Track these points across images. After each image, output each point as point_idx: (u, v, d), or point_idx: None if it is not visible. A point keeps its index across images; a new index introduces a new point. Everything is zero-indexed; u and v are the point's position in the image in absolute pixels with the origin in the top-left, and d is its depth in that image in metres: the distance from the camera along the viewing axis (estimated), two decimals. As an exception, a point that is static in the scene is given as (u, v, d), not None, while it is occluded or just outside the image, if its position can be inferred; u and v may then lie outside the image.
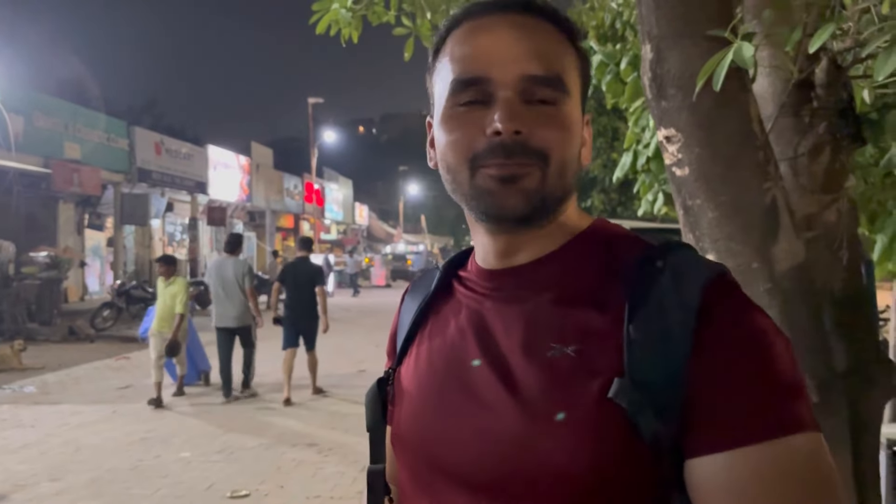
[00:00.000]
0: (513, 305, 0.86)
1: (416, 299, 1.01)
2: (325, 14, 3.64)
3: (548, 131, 0.80)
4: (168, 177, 21.22)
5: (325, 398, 8.44)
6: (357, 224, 45.06)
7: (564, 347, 0.78)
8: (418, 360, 0.93)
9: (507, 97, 0.80)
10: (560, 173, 0.82)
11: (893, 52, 1.53)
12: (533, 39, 0.82)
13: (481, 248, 0.91)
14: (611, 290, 0.80)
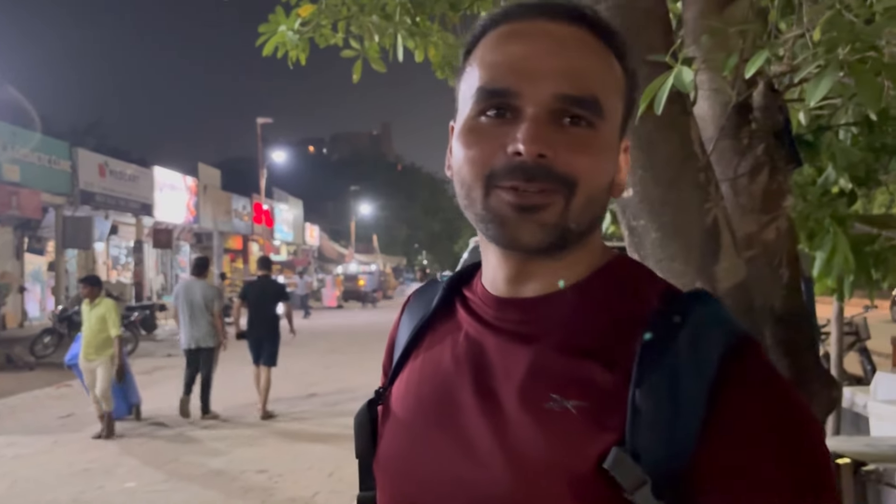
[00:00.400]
0: (516, 344, 0.78)
1: (415, 315, 0.94)
2: (271, 36, 3.63)
3: (577, 157, 0.72)
4: (112, 199, 20.77)
5: (276, 422, 8.30)
6: (308, 245, 44.67)
7: (565, 401, 0.71)
8: (409, 383, 0.87)
9: (535, 115, 0.72)
10: (587, 204, 0.73)
11: (824, 77, 1.58)
12: (572, 54, 0.74)
13: (490, 269, 0.83)
14: (622, 343, 0.72)
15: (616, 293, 0.78)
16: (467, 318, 0.85)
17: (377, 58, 3.83)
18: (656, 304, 0.74)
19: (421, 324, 0.91)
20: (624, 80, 0.78)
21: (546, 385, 0.73)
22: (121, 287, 20.31)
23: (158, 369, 12.89)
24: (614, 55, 0.78)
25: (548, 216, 0.72)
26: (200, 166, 28.47)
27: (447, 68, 3.84)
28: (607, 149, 0.75)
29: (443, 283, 0.94)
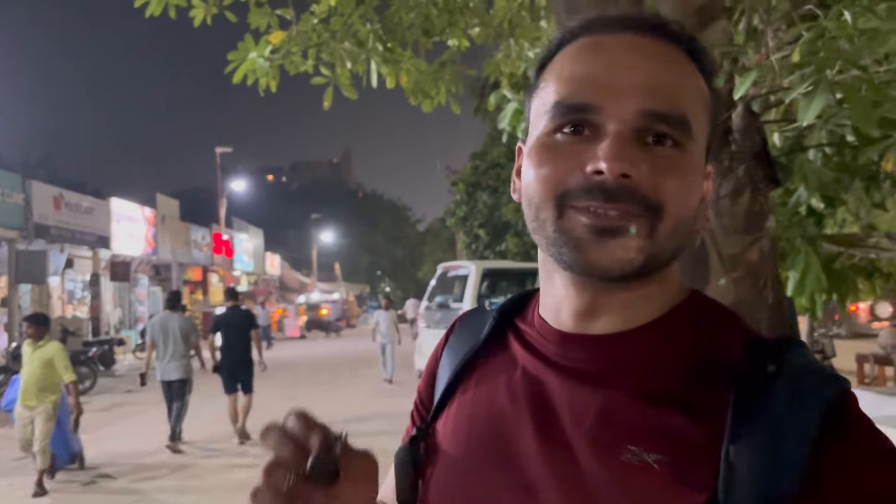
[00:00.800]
0: (584, 386, 0.71)
1: (461, 345, 0.86)
2: (241, 63, 3.58)
3: (663, 178, 0.65)
4: (68, 232, 20.30)
5: (246, 457, 8.08)
6: (269, 274, 44.17)
7: (645, 454, 0.64)
8: (458, 420, 0.79)
9: (618, 132, 0.65)
10: (674, 231, 0.66)
11: (816, 97, 1.59)
12: (659, 68, 0.68)
13: (553, 300, 0.75)
14: (706, 391, 0.66)
15: (695, 334, 0.71)
16: (524, 352, 0.78)
17: (348, 84, 3.80)
18: (742, 350, 0.68)
19: (469, 355, 0.83)
20: (710, 101, 0.72)
21: (622, 434, 0.66)
22: (77, 322, 19.78)
23: (118, 406, 12.54)
24: (701, 74, 0.72)
25: (632, 239, 0.65)
26: (159, 197, 28.04)
27: (420, 94, 3.83)
28: (695, 172, 0.69)
29: (492, 312, 0.86)
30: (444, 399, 0.84)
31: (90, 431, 10.02)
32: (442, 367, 0.88)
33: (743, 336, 0.70)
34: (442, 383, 0.85)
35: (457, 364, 0.84)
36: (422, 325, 11.96)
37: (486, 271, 11.05)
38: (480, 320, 0.87)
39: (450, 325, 0.94)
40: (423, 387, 0.92)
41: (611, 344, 0.72)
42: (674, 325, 0.72)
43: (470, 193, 22.81)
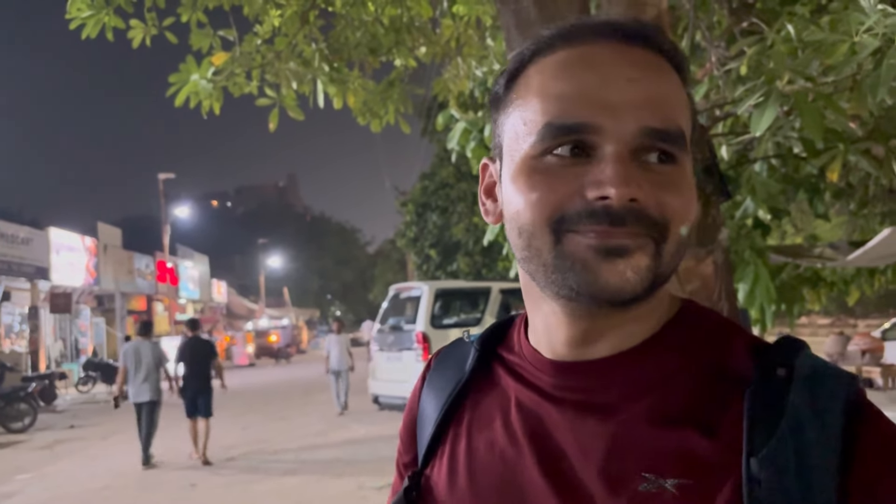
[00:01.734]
0: (587, 416, 0.66)
1: (443, 381, 0.80)
2: (183, 85, 3.48)
3: (667, 198, 0.62)
4: (3, 263, 19.59)
5: (195, 490, 7.83)
6: (215, 301, 43.31)
7: (661, 480, 0.61)
8: (454, 466, 0.73)
9: (619, 154, 0.61)
10: (677, 248, 0.64)
11: (768, 107, 1.59)
12: (654, 80, 0.64)
13: (545, 329, 0.70)
14: (720, 404, 0.63)
15: (696, 347, 0.67)
16: (516, 385, 0.73)
17: (294, 105, 3.74)
18: (748, 358, 0.64)
19: (455, 393, 0.78)
20: (693, 111, 0.68)
21: (635, 463, 0.62)
22: (15, 356, 19.06)
23: (60, 443, 12.06)
24: (681, 79, 0.68)
25: (641, 259, 0.61)
26: (100, 226, 27.33)
27: (368, 114, 3.78)
28: (692, 185, 0.65)
29: (472, 344, 0.81)
30: (433, 443, 0.78)
31: (32, 470, 9.61)
32: (424, 408, 0.82)
33: (746, 343, 0.67)
34: (428, 425, 0.79)
35: (442, 403, 0.78)
36: (374, 349, 11.81)
37: (439, 292, 11.00)
38: (460, 353, 0.82)
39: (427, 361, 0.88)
40: (405, 431, 0.85)
41: (609, 368, 0.67)
42: (672, 339, 0.68)
43: (420, 214, 22.80)
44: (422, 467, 0.78)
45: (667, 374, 0.66)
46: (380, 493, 7.12)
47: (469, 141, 3.79)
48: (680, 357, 0.67)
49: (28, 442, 12.40)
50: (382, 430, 11.23)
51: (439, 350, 0.88)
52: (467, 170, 20.30)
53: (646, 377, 0.66)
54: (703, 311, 0.72)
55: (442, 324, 10.85)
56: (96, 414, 16.32)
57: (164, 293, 32.08)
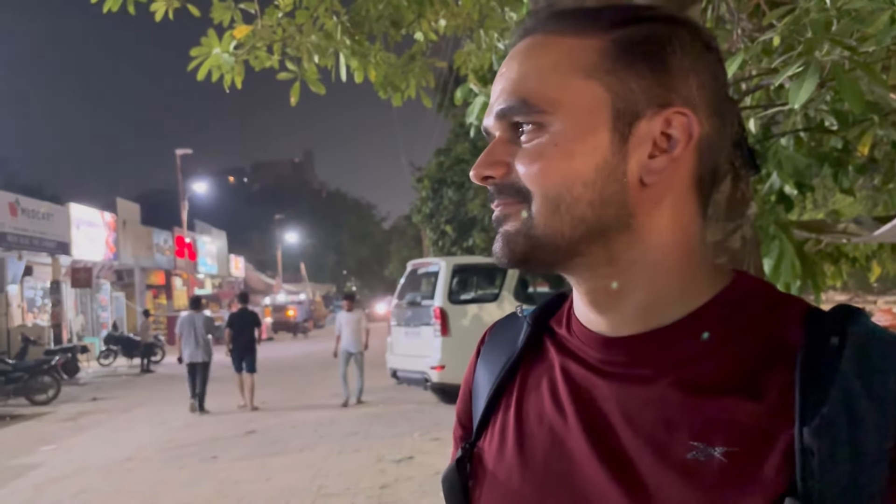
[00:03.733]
0: (634, 388, 0.67)
1: (496, 356, 0.82)
2: (204, 59, 3.46)
3: (525, 166, 0.67)
4: (25, 238, 19.81)
5: (216, 463, 7.93)
6: (233, 277, 43.62)
7: (710, 448, 0.60)
8: (504, 438, 0.75)
9: (493, 139, 0.71)
10: (552, 208, 0.65)
11: (806, 78, 1.56)
12: (514, 67, 0.69)
13: (577, 298, 0.74)
14: (771, 374, 0.61)
15: (748, 318, 0.66)
16: (565, 359, 0.74)
17: (315, 79, 3.71)
18: (801, 327, 0.63)
19: (507, 367, 0.79)
20: (604, 52, 0.66)
21: (683, 432, 0.62)
22: (38, 330, 19.31)
23: (83, 415, 12.26)
24: (577, 35, 0.67)
25: (510, 226, 0.69)
26: (119, 201, 27.53)
27: (389, 88, 3.75)
28: (565, 142, 0.65)
29: (525, 319, 0.82)
30: (486, 416, 0.79)
31: (57, 442, 9.78)
32: (478, 382, 0.84)
33: (799, 311, 0.65)
34: (481, 399, 0.81)
35: (495, 377, 0.80)
36: (392, 324, 11.86)
37: (457, 267, 10.99)
38: (514, 328, 0.83)
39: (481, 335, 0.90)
40: (461, 404, 0.87)
41: (654, 342, 0.68)
42: (720, 310, 0.67)
43: (435, 190, 22.76)
44: (474, 439, 0.79)
45: (715, 345, 0.65)
46: (398, 467, 7.19)
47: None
48: (729, 328, 0.66)
49: (52, 414, 12.61)
50: (400, 404, 11.31)
51: (493, 324, 0.89)
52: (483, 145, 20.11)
53: (691, 349, 0.65)
54: (757, 282, 0.71)
55: (459, 299, 10.86)
56: (118, 387, 16.55)
57: (182, 268, 32.33)
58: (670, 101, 0.65)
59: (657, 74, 0.65)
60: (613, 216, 0.66)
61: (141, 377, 18.84)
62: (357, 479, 6.84)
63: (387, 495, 6.21)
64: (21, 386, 13.58)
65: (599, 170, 0.65)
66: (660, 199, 0.67)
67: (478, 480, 0.76)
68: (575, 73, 0.66)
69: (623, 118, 0.65)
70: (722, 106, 0.69)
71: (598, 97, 0.65)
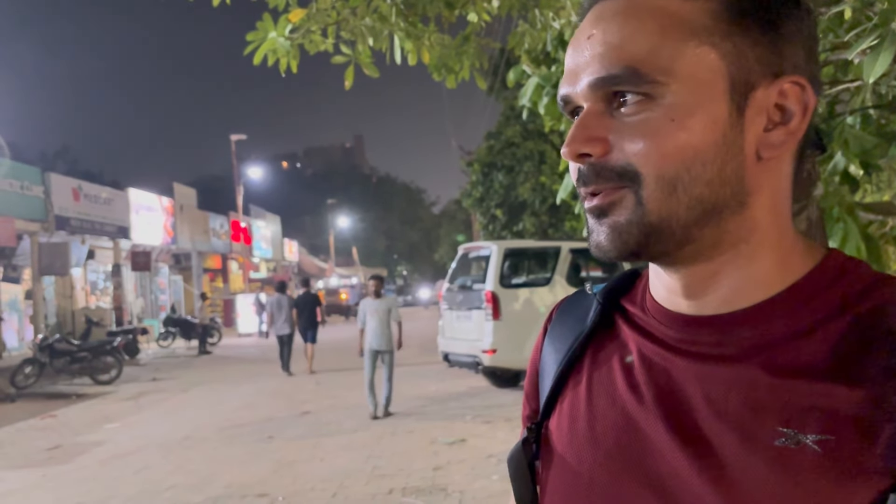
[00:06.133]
0: (718, 370, 0.62)
1: (564, 334, 0.79)
2: (260, 44, 3.50)
3: (631, 143, 0.60)
4: (88, 223, 20.42)
5: (270, 444, 8.10)
6: (287, 260, 44.33)
7: (801, 435, 0.56)
8: (574, 418, 0.72)
9: (584, 111, 0.64)
10: (669, 190, 0.60)
11: (882, 50, 1.49)
12: (607, 30, 0.62)
13: (658, 280, 0.70)
14: (868, 357, 0.57)
15: (841, 299, 0.62)
16: (639, 338, 0.70)
17: (370, 62, 3.72)
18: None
19: (576, 345, 0.76)
20: (717, 14, 0.61)
21: (771, 416, 0.58)
22: (101, 312, 19.96)
23: (144, 394, 12.63)
24: None
25: (619, 215, 0.62)
26: (176, 186, 28.14)
27: (443, 70, 3.74)
28: (682, 115, 0.60)
29: (595, 296, 0.78)
30: (553, 395, 0.76)
31: (119, 420, 10.11)
32: (545, 361, 0.80)
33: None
34: (548, 378, 0.78)
35: (563, 356, 0.77)
36: (444, 307, 11.88)
37: (508, 251, 10.94)
38: (583, 305, 0.80)
39: (547, 313, 0.87)
40: (528, 383, 0.84)
41: (741, 322, 0.64)
42: (811, 290, 0.63)
43: (485, 174, 22.68)
44: (541, 419, 0.77)
45: (805, 326, 0.61)
46: (451, 449, 7.23)
47: (542, 97, 3.71)
48: (820, 308, 0.62)
49: (114, 393, 13.03)
50: (452, 387, 11.37)
51: (560, 301, 0.86)
52: (534, 128, 20.03)
53: (781, 329, 0.62)
54: (848, 260, 0.66)
55: (511, 283, 10.82)
56: (176, 368, 17.00)
57: (238, 252, 32.96)
58: (783, 69, 0.61)
59: (771, 40, 0.61)
60: (730, 195, 0.61)
61: (198, 358, 19.32)
62: (410, 460, 6.90)
63: (439, 477, 6.25)
64: (85, 366, 14.07)
65: (718, 146, 0.60)
66: (772, 175, 0.63)
67: (545, 460, 0.74)
68: (688, 39, 0.60)
69: (739, 89, 0.61)
70: (819, 73, 0.66)
71: (714, 65, 0.60)
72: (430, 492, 5.83)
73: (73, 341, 14.74)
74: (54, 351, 13.94)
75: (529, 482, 0.76)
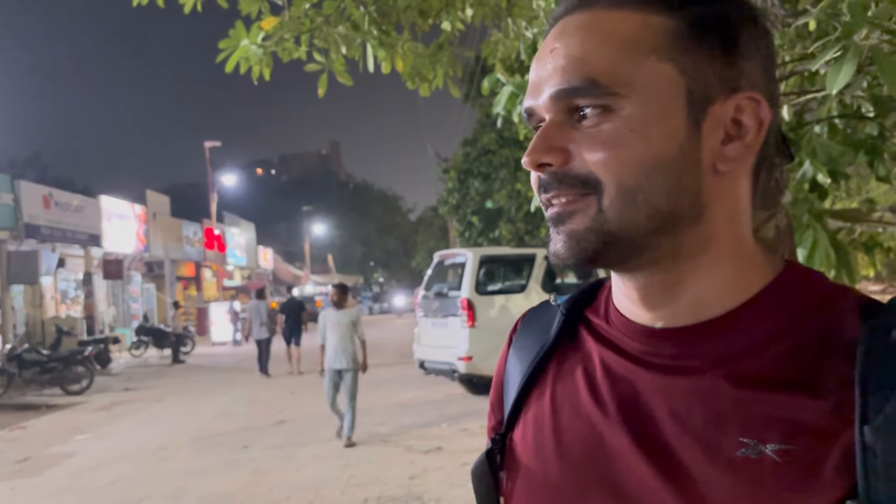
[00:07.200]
0: (681, 381, 0.63)
1: (528, 346, 0.79)
2: (232, 51, 3.48)
3: (592, 152, 0.61)
4: (58, 231, 20.11)
5: (246, 454, 8.02)
6: (262, 268, 44.00)
7: (762, 445, 0.57)
8: (538, 429, 0.72)
9: (546, 124, 0.65)
10: (629, 199, 0.61)
11: (845, 63, 1.52)
12: (570, 43, 0.63)
13: (620, 291, 0.71)
14: (826, 367, 0.58)
15: (802, 310, 0.63)
16: (603, 350, 0.71)
17: (343, 70, 3.71)
18: (857, 320, 0.60)
19: (540, 356, 0.76)
20: (677, 31, 0.62)
21: (733, 428, 0.59)
22: (71, 321, 19.64)
23: (116, 404, 12.46)
24: (648, 11, 0.63)
25: (577, 223, 0.63)
26: (149, 193, 27.83)
27: (417, 78, 3.74)
28: (641, 126, 0.61)
29: (559, 307, 0.79)
30: (518, 406, 0.77)
31: (91, 431, 9.96)
32: (510, 372, 0.81)
33: (855, 304, 0.62)
34: (513, 389, 0.78)
35: (527, 367, 0.77)
36: (419, 314, 11.87)
37: (484, 258, 10.97)
38: (546, 317, 0.81)
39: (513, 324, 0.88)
40: (493, 394, 0.85)
41: (702, 334, 0.65)
42: (770, 302, 0.64)
43: (462, 181, 22.73)
44: (505, 430, 0.77)
45: (765, 337, 0.62)
46: (427, 457, 7.21)
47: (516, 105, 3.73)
48: (780, 320, 0.63)
49: (86, 404, 12.84)
50: (429, 394, 11.34)
51: (525, 313, 0.87)
52: (510, 135, 20.12)
53: (742, 341, 0.63)
54: (808, 272, 0.68)
55: (486, 290, 10.84)
56: (149, 377, 16.79)
57: (212, 260, 32.67)
58: (740, 85, 0.63)
59: (728, 57, 0.63)
60: (688, 206, 0.63)
61: (172, 367, 19.10)
62: (386, 469, 6.87)
63: (415, 485, 6.23)
64: (56, 376, 13.84)
65: (676, 157, 0.62)
66: (728, 187, 0.65)
67: (510, 472, 0.75)
68: (647, 54, 0.62)
69: (697, 102, 0.62)
70: (777, 90, 0.68)
71: (673, 79, 0.62)
72: (406, 500, 5.81)
73: (42, 351, 14.50)
74: (23, 361, 13.71)
75: (494, 494, 0.76)
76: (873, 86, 2.34)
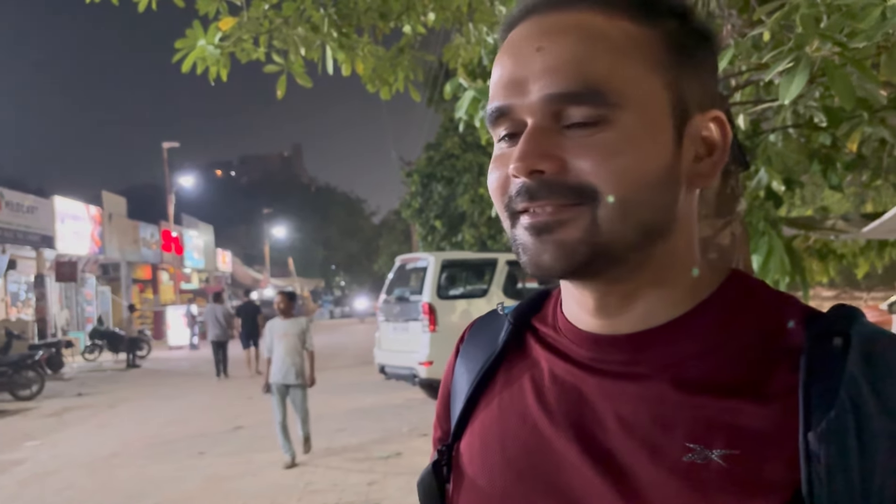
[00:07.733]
0: (628, 388, 0.63)
1: (476, 355, 0.78)
2: (189, 52, 3.42)
3: (589, 161, 0.59)
4: (9, 232, 19.61)
5: (202, 460, 7.88)
6: (220, 271, 43.43)
7: (707, 451, 0.57)
8: (485, 439, 0.72)
9: (532, 127, 0.61)
10: (623, 212, 0.59)
11: (797, 74, 1.54)
12: (561, 43, 0.60)
13: (572, 299, 0.70)
14: (772, 376, 0.59)
15: (746, 318, 0.64)
16: (551, 357, 0.71)
17: (302, 72, 3.67)
18: (800, 327, 0.61)
19: (487, 365, 0.76)
20: (662, 44, 0.62)
21: (679, 433, 0.59)
22: (22, 325, 19.14)
23: (68, 410, 12.16)
24: (636, 21, 0.62)
25: (569, 232, 0.60)
26: (104, 194, 27.31)
27: (377, 81, 3.71)
28: (637, 139, 0.60)
29: (506, 317, 0.78)
30: (465, 416, 0.76)
31: (41, 437, 9.70)
32: (457, 382, 0.80)
33: (797, 311, 0.63)
34: (459, 399, 0.77)
35: (474, 376, 0.76)
36: (380, 319, 11.81)
37: (446, 262, 10.95)
38: (494, 326, 0.80)
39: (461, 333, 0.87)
40: (440, 405, 0.84)
41: (649, 341, 0.65)
42: (716, 310, 0.65)
43: (425, 185, 22.70)
44: (452, 440, 0.76)
45: (711, 344, 0.63)
46: (386, 463, 7.16)
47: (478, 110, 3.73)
48: (725, 327, 0.64)
49: (36, 409, 12.51)
50: (389, 399, 11.28)
51: (473, 322, 0.86)
52: (473, 140, 20.16)
53: (689, 348, 0.63)
54: (751, 280, 0.68)
55: (448, 295, 10.82)
56: (103, 382, 16.44)
57: (169, 262, 32.15)
58: (707, 102, 0.64)
59: (700, 75, 0.63)
60: (664, 220, 0.63)
61: (126, 372, 18.73)
62: (344, 475, 6.80)
63: (374, 492, 6.18)
64: (4, 381, 13.46)
65: (665, 172, 0.61)
66: (691, 204, 0.66)
67: (456, 483, 0.74)
68: (639, 65, 0.61)
69: (679, 118, 0.62)
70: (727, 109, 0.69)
71: (661, 94, 0.61)
72: (365, 507, 5.76)
73: (-7, 355, 14.10)
74: (-27, 366, 13.31)
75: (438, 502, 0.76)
76: (825, 97, 2.38)
